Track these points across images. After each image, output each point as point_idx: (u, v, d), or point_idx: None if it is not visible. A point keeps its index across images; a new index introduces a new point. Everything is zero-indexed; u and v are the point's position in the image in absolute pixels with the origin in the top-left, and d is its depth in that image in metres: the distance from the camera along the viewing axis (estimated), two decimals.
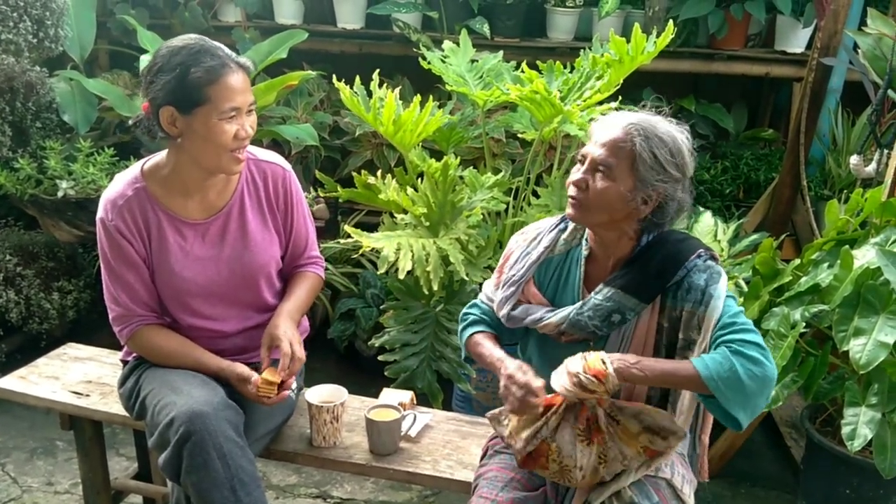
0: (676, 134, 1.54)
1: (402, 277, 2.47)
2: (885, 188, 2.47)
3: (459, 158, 2.81)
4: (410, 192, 2.66)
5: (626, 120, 1.54)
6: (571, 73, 2.90)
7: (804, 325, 2.25)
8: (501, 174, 2.84)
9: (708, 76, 3.80)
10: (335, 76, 2.77)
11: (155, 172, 1.84)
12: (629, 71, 2.73)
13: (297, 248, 2.00)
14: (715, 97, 3.94)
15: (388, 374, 2.57)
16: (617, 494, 1.57)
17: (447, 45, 3.12)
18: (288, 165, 1.96)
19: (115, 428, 2.81)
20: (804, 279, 2.35)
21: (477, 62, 3.08)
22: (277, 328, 1.84)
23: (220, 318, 1.91)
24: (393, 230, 2.60)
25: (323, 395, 1.97)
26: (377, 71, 2.79)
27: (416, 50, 3.26)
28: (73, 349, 2.39)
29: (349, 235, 2.56)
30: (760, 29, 3.77)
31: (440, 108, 3.01)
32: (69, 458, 2.78)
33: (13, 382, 2.18)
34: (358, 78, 2.83)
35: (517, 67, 2.98)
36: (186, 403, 1.68)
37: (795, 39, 3.62)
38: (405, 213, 2.68)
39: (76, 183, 3.08)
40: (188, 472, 1.65)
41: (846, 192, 3.15)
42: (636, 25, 2.62)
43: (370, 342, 2.68)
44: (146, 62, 2.13)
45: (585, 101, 2.63)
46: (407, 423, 1.98)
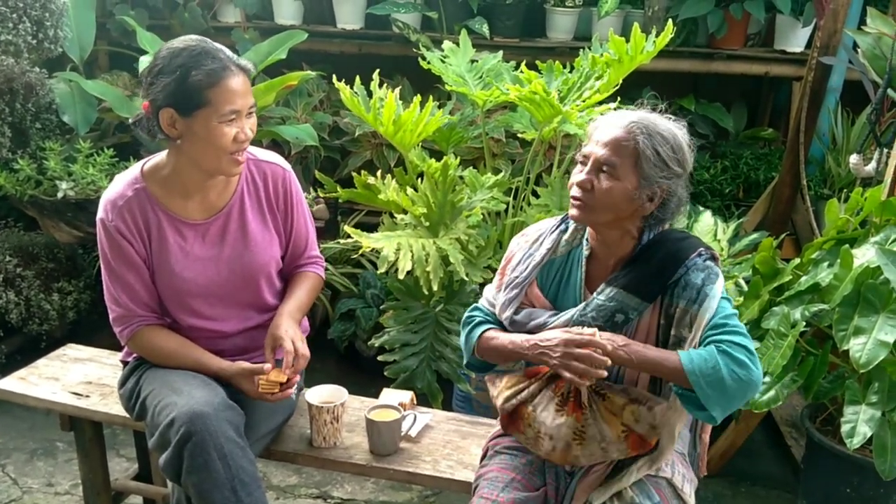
0: (676, 130, 1.55)
1: (401, 277, 2.47)
2: (884, 187, 2.47)
3: (459, 158, 2.81)
4: (410, 192, 2.66)
5: (626, 119, 1.54)
6: (571, 73, 2.90)
7: (804, 324, 2.26)
8: (501, 174, 2.83)
9: (707, 76, 3.80)
10: (335, 76, 2.77)
11: (155, 173, 1.84)
12: (628, 71, 2.73)
13: (297, 248, 2.00)
14: (714, 97, 3.94)
15: (387, 374, 2.57)
16: (618, 494, 1.58)
17: (447, 45, 3.12)
18: (288, 165, 1.96)
19: (115, 429, 2.81)
20: (804, 278, 2.35)
21: (476, 62, 3.08)
22: (279, 328, 1.84)
23: (220, 318, 1.91)
24: (393, 230, 2.60)
25: (323, 395, 1.97)
26: (377, 71, 2.79)
27: (415, 50, 3.25)
28: (73, 350, 2.39)
29: (349, 236, 2.56)
30: (760, 28, 3.77)
31: (440, 108, 3.01)
32: (69, 459, 2.78)
33: (13, 383, 2.18)
34: (358, 78, 2.83)
35: (517, 67, 2.98)
36: (187, 404, 1.68)
37: (795, 39, 3.62)
38: (405, 213, 2.68)
39: (76, 184, 3.08)
40: (189, 472, 1.65)
41: (846, 191, 3.15)
42: (635, 25, 2.62)
43: (370, 342, 2.68)
44: (146, 63, 2.14)
45: (585, 101, 2.63)
46: (407, 423, 1.98)
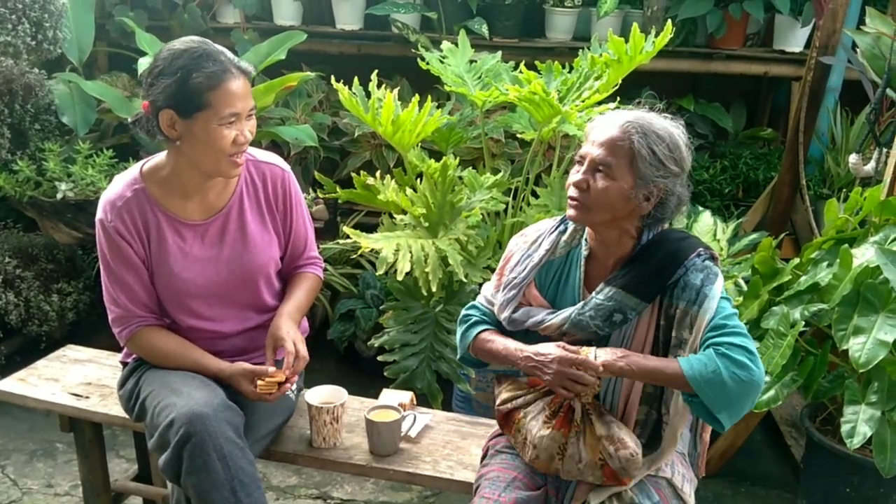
0: (672, 129, 1.55)
1: (401, 278, 2.46)
2: (883, 187, 2.48)
3: (458, 159, 2.81)
4: (409, 192, 2.66)
5: (622, 118, 1.54)
6: (570, 73, 2.90)
7: (804, 324, 2.26)
8: (500, 174, 2.83)
9: (706, 76, 3.80)
10: (334, 77, 2.77)
11: (154, 174, 1.84)
12: (628, 71, 2.73)
13: (296, 248, 2.00)
14: (714, 97, 3.94)
15: (387, 374, 2.57)
16: (618, 494, 1.58)
17: (446, 45, 3.11)
18: (287, 166, 1.96)
19: (114, 430, 2.81)
20: (803, 278, 2.35)
21: (475, 62, 3.08)
22: (280, 329, 1.84)
23: (219, 318, 1.90)
24: (392, 231, 2.60)
25: (323, 395, 1.97)
26: (376, 71, 2.78)
27: (414, 51, 3.25)
28: (72, 351, 2.39)
29: (348, 236, 2.56)
30: (759, 28, 3.78)
31: (439, 108, 3.00)
32: (69, 460, 2.78)
33: (13, 384, 2.18)
34: (357, 79, 2.83)
35: (515, 68, 2.98)
36: (186, 405, 1.68)
37: (794, 38, 3.63)
38: (404, 213, 2.68)
39: (75, 185, 3.08)
40: (188, 473, 1.65)
41: (845, 190, 3.15)
42: (635, 25, 2.62)
43: (370, 343, 2.68)
44: (145, 64, 2.14)
45: (584, 101, 2.63)
46: (407, 423, 1.98)
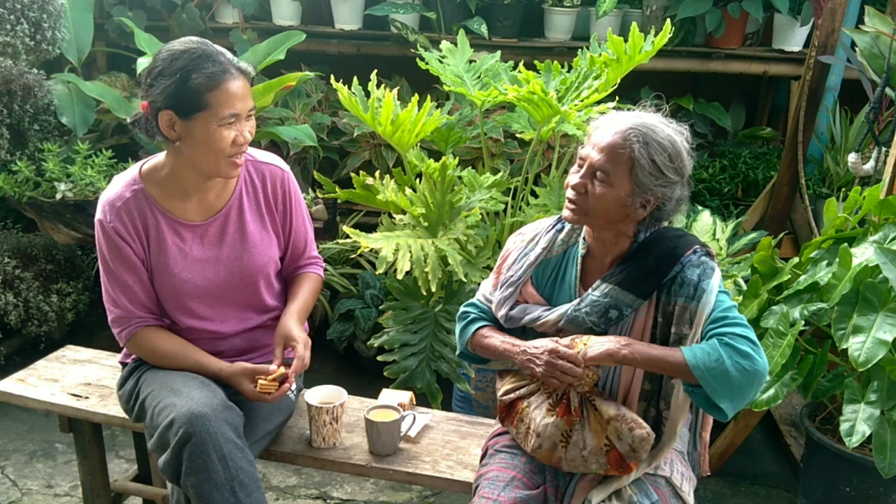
0: (676, 137, 1.53)
1: (400, 278, 2.46)
2: (883, 186, 2.48)
3: (458, 159, 2.81)
4: (409, 192, 2.66)
5: (625, 123, 1.52)
6: (569, 72, 2.90)
7: (803, 323, 2.26)
8: (500, 174, 2.83)
9: (706, 75, 3.80)
10: (333, 77, 2.77)
11: (153, 174, 1.84)
12: (627, 70, 2.73)
13: (296, 249, 2.01)
14: (713, 96, 3.94)
15: (387, 374, 2.57)
16: (617, 493, 1.58)
17: (445, 45, 3.11)
18: (286, 166, 1.96)
19: (114, 430, 2.81)
20: (803, 277, 2.35)
21: (475, 62, 3.08)
22: (291, 329, 1.85)
23: (218, 319, 1.90)
24: (391, 231, 2.60)
25: (322, 395, 1.97)
26: (375, 71, 2.78)
27: (413, 50, 3.25)
28: (72, 351, 2.39)
29: (348, 236, 2.56)
30: (758, 27, 3.77)
31: (438, 108, 3.00)
32: (69, 460, 2.78)
33: (12, 385, 2.18)
34: (356, 79, 2.83)
35: (514, 67, 2.98)
36: (186, 405, 1.68)
37: (793, 38, 3.62)
38: (404, 213, 2.68)
39: (74, 185, 3.08)
40: (188, 473, 1.65)
41: (844, 189, 3.15)
42: (634, 25, 2.62)
43: (369, 343, 2.68)
44: (144, 64, 2.13)
45: (583, 100, 2.63)
46: (406, 423, 1.98)
